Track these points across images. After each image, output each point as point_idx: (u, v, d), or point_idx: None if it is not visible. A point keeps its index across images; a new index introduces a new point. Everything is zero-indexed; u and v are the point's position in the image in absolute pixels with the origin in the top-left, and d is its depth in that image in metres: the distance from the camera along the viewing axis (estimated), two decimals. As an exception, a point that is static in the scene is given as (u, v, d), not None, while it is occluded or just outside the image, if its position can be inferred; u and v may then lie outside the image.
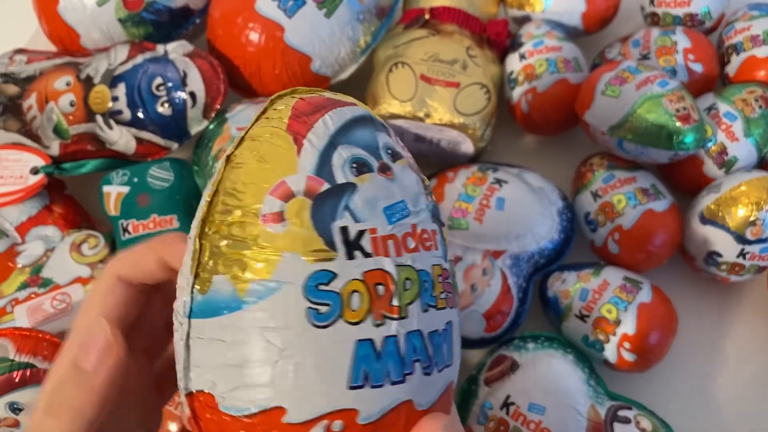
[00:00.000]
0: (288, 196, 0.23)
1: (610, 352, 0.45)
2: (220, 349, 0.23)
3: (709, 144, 0.48)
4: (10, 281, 0.47)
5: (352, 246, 0.23)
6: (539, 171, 0.52)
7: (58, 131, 0.49)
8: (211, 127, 0.50)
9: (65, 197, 0.52)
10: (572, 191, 0.52)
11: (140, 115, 0.48)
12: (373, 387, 0.22)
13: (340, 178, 0.24)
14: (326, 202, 0.23)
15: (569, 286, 0.47)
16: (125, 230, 0.47)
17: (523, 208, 0.48)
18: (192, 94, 0.49)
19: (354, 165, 0.24)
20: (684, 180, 0.51)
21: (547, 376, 0.43)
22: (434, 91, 0.50)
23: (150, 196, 0.48)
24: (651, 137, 0.46)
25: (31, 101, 0.50)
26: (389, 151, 0.26)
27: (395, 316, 0.23)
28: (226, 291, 0.23)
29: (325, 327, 0.22)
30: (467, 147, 0.52)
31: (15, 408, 0.39)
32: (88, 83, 0.49)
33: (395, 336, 0.23)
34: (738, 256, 0.45)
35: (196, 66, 0.49)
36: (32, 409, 0.39)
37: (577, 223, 0.50)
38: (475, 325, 0.46)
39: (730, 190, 0.45)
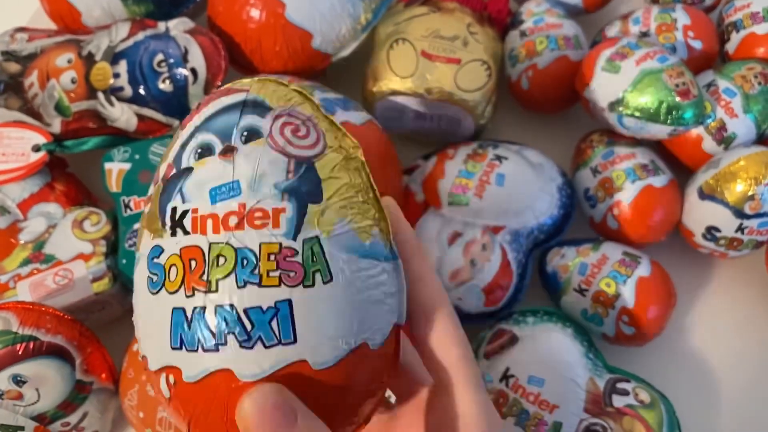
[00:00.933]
0: (156, 181, 0.27)
1: (608, 326, 0.45)
2: None
3: (709, 120, 0.48)
4: (13, 257, 0.47)
5: (176, 224, 0.26)
6: (539, 148, 0.52)
7: (59, 108, 0.49)
8: (212, 104, 0.50)
9: (67, 174, 0.52)
10: (572, 168, 0.52)
11: (141, 91, 0.48)
12: (189, 351, 0.25)
13: (185, 163, 0.26)
14: (169, 186, 0.26)
15: (568, 260, 0.47)
16: (127, 206, 0.48)
17: (522, 185, 0.48)
18: (193, 71, 0.49)
19: (199, 150, 0.26)
20: (683, 156, 0.51)
21: (546, 349, 0.44)
22: (435, 68, 0.50)
23: (151, 172, 0.48)
24: (650, 112, 0.46)
25: (32, 79, 0.50)
26: (245, 133, 0.26)
27: (203, 289, 0.24)
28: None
29: (154, 294, 0.26)
30: (468, 124, 0.52)
31: (18, 380, 0.40)
32: (89, 60, 0.49)
33: (204, 307, 0.24)
34: (736, 231, 0.45)
35: (197, 42, 0.49)
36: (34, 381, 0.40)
37: (576, 199, 0.50)
38: (475, 299, 0.46)
39: (728, 165, 0.45)
